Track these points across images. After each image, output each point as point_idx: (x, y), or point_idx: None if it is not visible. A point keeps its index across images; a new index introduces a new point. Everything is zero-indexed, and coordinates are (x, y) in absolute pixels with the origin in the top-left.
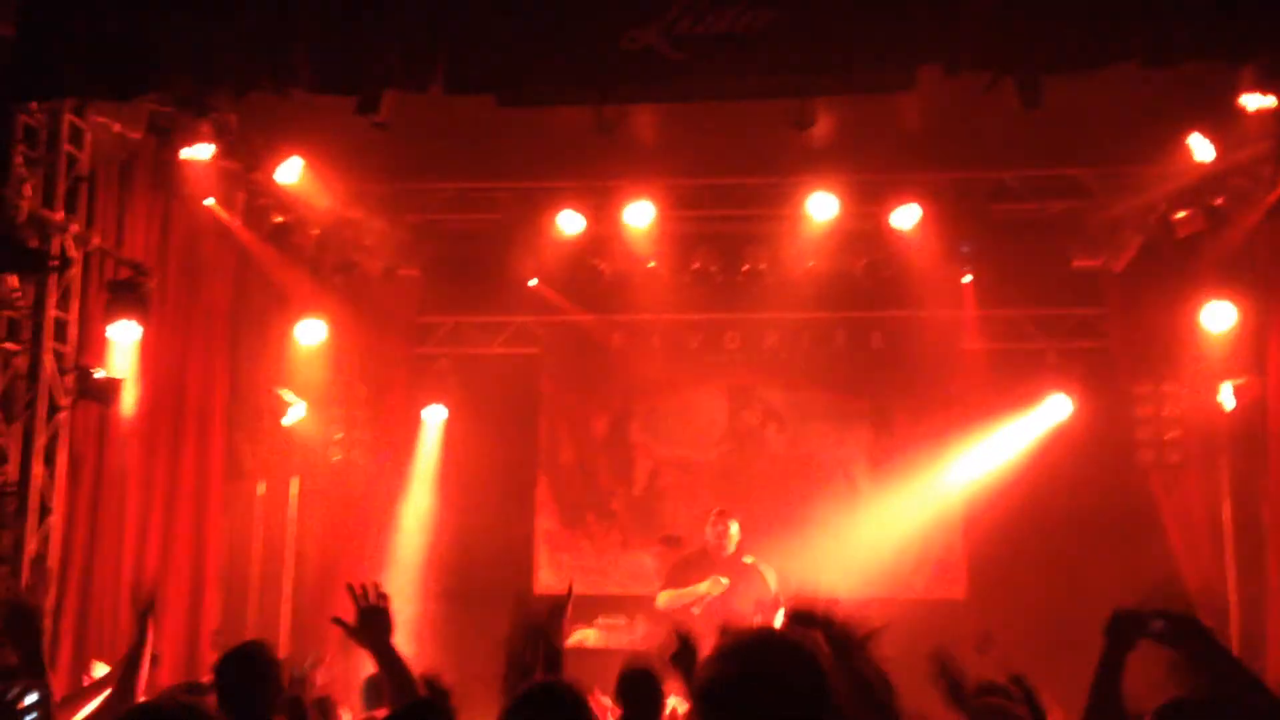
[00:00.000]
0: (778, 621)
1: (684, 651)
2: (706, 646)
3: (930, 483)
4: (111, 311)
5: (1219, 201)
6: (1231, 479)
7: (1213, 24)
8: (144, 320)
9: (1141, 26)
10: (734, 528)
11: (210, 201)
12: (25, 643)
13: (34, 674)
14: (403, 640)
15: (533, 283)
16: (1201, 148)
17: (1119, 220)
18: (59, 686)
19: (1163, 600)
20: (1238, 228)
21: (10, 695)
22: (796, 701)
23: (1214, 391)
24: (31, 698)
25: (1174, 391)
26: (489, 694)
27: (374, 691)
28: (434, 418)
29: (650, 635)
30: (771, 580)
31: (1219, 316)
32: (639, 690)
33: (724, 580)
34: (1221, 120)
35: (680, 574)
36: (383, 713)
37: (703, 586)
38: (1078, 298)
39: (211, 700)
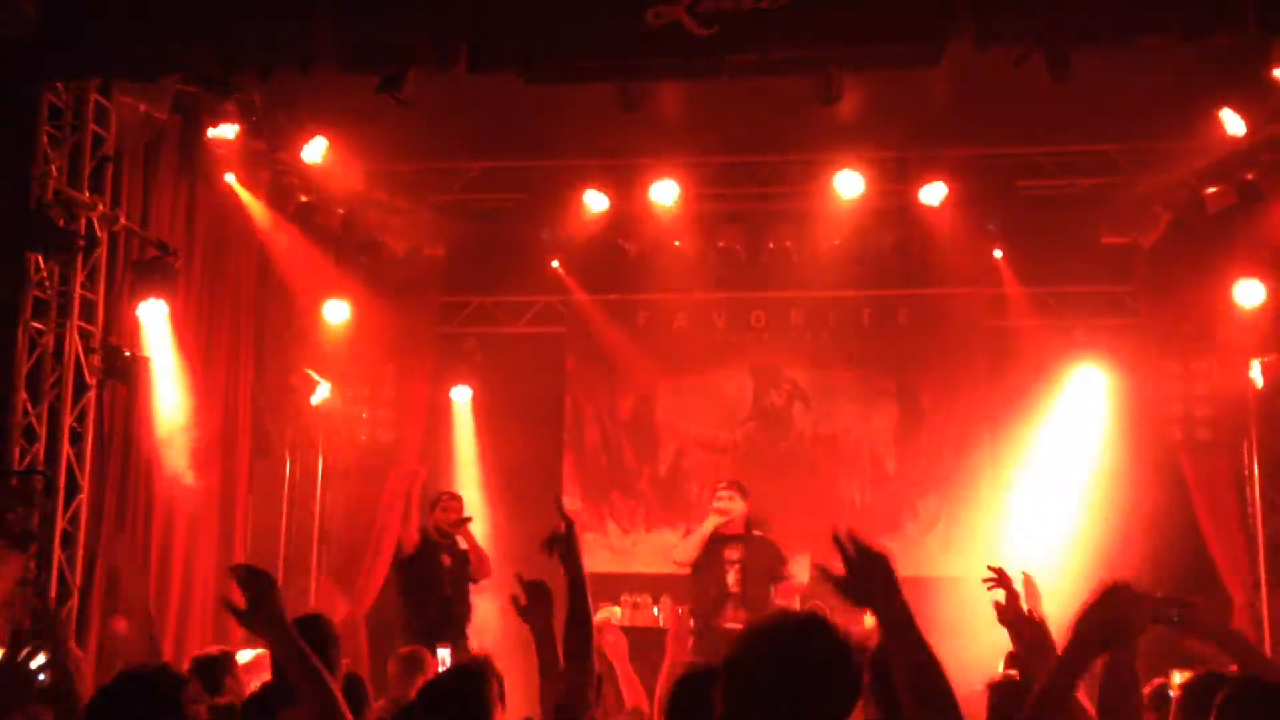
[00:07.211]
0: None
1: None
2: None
3: (956, 460)
4: (137, 291)
5: (1250, 176)
6: (1260, 457)
7: None
8: (170, 299)
9: None
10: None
11: (235, 181)
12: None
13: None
14: None
15: (555, 264)
16: (1232, 122)
17: (1149, 196)
18: (88, 658)
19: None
20: (1269, 203)
21: (21, 656)
22: (822, 687)
23: (1244, 369)
24: (40, 659)
25: (1204, 369)
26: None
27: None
28: (459, 397)
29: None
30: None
31: (1249, 293)
32: None
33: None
34: (1252, 94)
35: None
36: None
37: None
38: (1107, 274)
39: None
